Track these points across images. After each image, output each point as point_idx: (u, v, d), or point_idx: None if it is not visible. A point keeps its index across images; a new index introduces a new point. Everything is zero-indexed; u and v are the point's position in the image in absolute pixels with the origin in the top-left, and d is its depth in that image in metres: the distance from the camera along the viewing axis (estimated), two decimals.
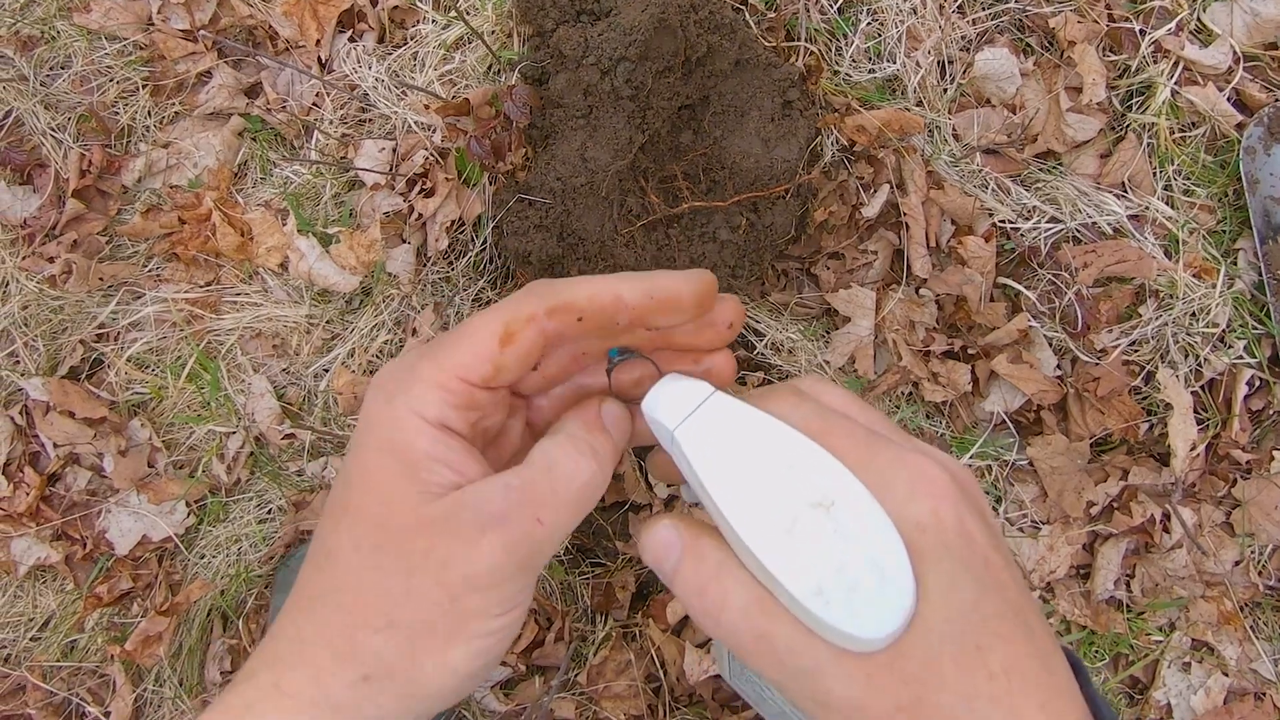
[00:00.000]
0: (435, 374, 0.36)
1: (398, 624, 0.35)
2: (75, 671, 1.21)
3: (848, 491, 0.35)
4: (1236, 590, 1.17)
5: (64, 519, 1.21)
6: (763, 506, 0.35)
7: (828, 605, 0.33)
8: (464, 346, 0.37)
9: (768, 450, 0.36)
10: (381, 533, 0.36)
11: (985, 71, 1.19)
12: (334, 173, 1.23)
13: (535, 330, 0.37)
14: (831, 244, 1.21)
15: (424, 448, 0.36)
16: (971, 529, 0.35)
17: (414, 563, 0.35)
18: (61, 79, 1.28)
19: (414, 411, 0.36)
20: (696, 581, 0.36)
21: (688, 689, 1.17)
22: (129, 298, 1.25)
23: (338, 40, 1.26)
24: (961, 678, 0.32)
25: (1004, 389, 1.18)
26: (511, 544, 0.35)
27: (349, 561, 0.36)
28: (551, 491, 0.37)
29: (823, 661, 0.34)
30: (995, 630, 0.33)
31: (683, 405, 0.38)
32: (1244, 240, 1.19)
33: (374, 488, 0.36)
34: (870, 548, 0.34)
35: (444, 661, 0.36)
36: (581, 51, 1.09)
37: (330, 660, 0.36)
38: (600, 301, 0.38)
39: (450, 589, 0.35)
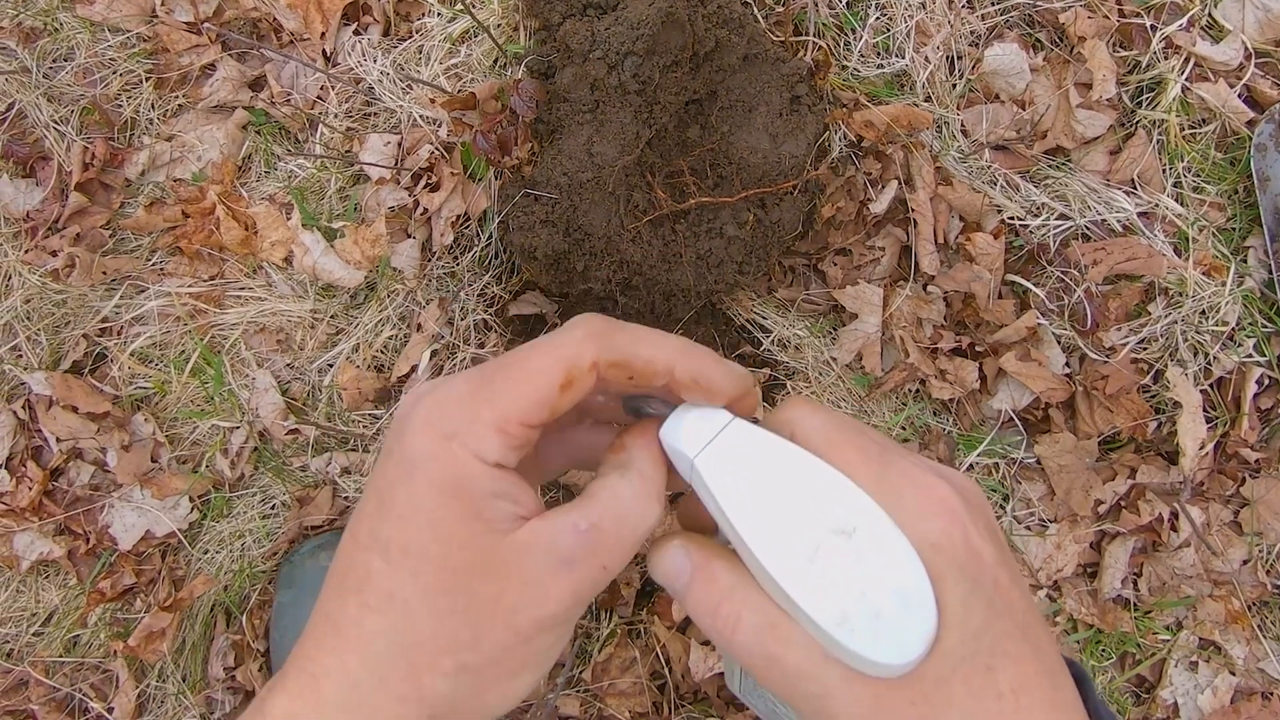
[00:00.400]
0: (495, 417, 0.36)
1: (468, 668, 0.36)
2: (78, 667, 1.21)
3: (868, 518, 0.35)
4: (1244, 589, 1.17)
5: (67, 514, 1.21)
6: (785, 534, 0.35)
7: (852, 633, 0.33)
8: (525, 389, 0.37)
9: (788, 477, 0.36)
10: (449, 577, 0.35)
11: (994, 67, 1.18)
12: (339, 167, 1.22)
13: (594, 378, 0.38)
14: (839, 240, 1.20)
15: (484, 485, 0.36)
16: (980, 548, 0.35)
17: (484, 608, 0.35)
18: (64, 71, 1.27)
19: (474, 454, 0.36)
20: (709, 602, 0.37)
21: (693, 686, 1.16)
22: (132, 292, 1.24)
23: (343, 33, 1.25)
24: (971, 700, 0.33)
25: (1012, 386, 1.17)
26: (579, 591, 0.36)
27: (413, 607, 0.36)
28: (619, 539, 0.37)
29: (831, 685, 0.34)
30: (1005, 650, 0.34)
31: (702, 433, 0.38)
32: (1254, 238, 1.18)
33: (436, 528, 0.36)
34: (892, 574, 0.34)
35: (509, 693, 0.37)
36: (588, 45, 1.08)
37: (394, 704, 0.35)
38: (654, 369, 0.38)
39: (520, 632, 0.36)
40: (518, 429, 0.36)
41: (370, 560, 0.36)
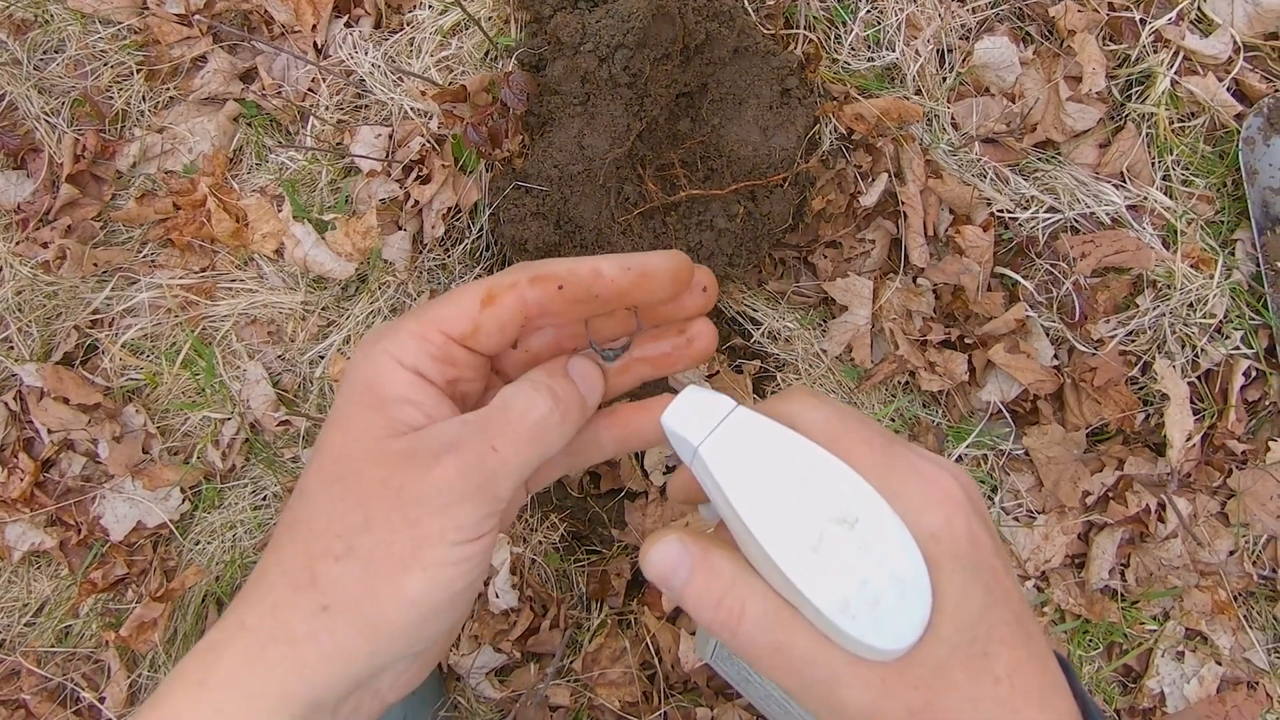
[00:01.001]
0: (415, 325, 0.38)
1: (356, 550, 0.36)
2: (70, 657, 1.21)
3: (870, 507, 0.36)
4: (1230, 580, 1.17)
5: (58, 505, 1.21)
6: (789, 522, 0.36)
7: (853, 619, 0.34)
8: (447, 304, 0.39)
9: (791, 466, 0.37)
10: (344, 464, 0.37)
11: (984, 60, 1.18)
12: (330, 159, 1.22)
13: (516, 296, 0.39)
14: (829, 233, 1.21)
15: (395, 389, 0.37)
16: (980, 538, 0.36)
17: (372, 491, 0.36)
18: (55, 63, 1.27)
19: (390, 355, 0.37)
20: (712, 595, 0.37)
21: (682, 676, 1.17)
22: (123, 283, 1.24)
23: (334, 25, 1.25)
24: (970, 683, 0.35)
25: (1001, 378, 1.18)
26: (465, 467, 0.36)
27: (312, 495, 0.37)
28: (506, 424, 0.38)
29: (838, 670, 0.35)
30: (1001, 637, 0.35)
31: (705, 421, 0.39)
32: (1242, 231, 1.18)
33: (344, 426, 0.37)
34: (892, 562, 0.35)
35: (402, 591, 0.36)
36: (579, 38, 1.08)
37: (290, 592, 0.36)
38: (579, 273, 0.39)
39: (406, 513, 0.36)
40: (436, 335, 0.38)
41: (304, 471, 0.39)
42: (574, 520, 1.25)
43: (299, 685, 0.35)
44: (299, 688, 0.35)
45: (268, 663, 0.35)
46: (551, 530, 1.22)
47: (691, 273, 0.42)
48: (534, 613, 1.19)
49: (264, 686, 0.35)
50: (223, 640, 0.36)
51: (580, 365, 0.42)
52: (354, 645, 0.36)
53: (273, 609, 0.36)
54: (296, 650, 0.35)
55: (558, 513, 1.24)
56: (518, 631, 1.18)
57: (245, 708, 0.35)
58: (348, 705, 0.38)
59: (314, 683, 0.36)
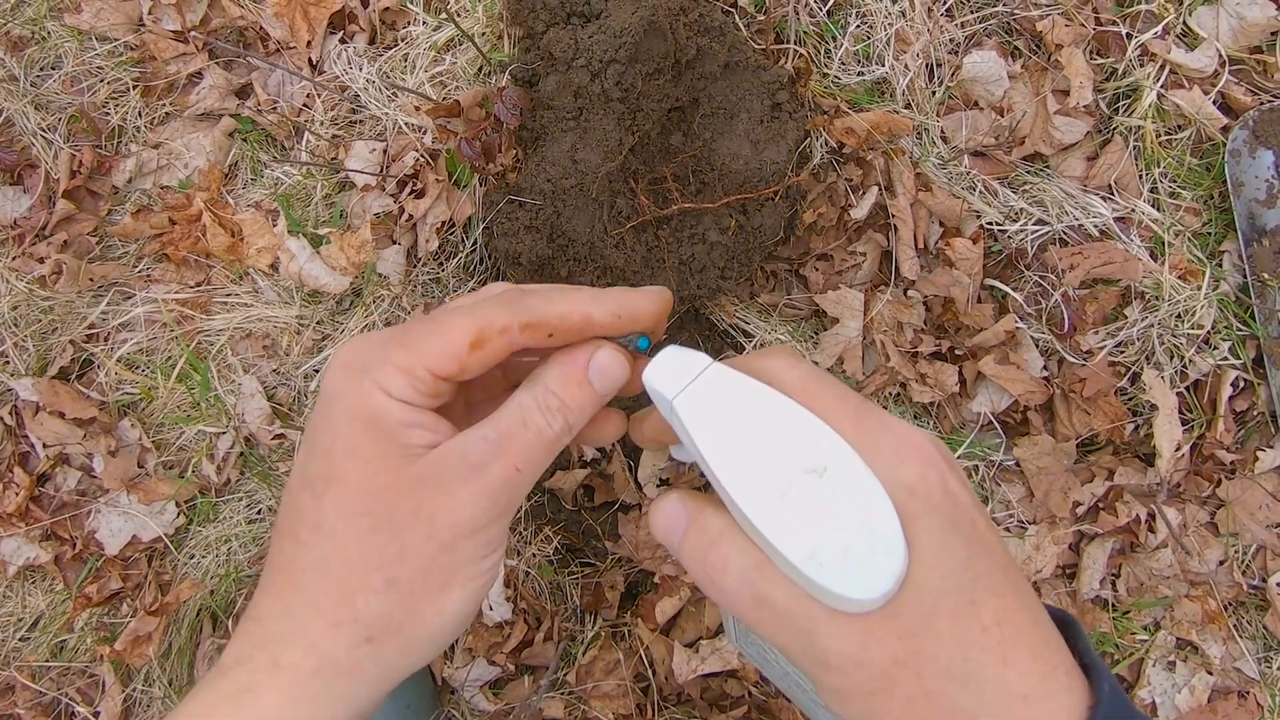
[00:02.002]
0: (405, 359, 0.38)
1: (398, 582, 0.37)
2: (64, 671, 1.21)
3: (840, 458, 0.36)
4: (1221, 589, 1.18)
5: (53, 519, 1.22)
6: (759, 473, 0.36)
7: (821, 568, 0.34)
8: (436, 341, 0.38)
9: (763, 419, 0.37)
10: (370, 498, 0.37)
11: (973, 74, 1.19)
12: (325, 174, 1.23)
13: (506, 341, 0.39)
14: (820, 245, 1.22)
15: (397, 416, 0.38)
16: (956, 491, 0.36)
17: (404, 522, 0.37)
18: (52, 79, 1.28)
19: (381, 389, 0.38)
20: (699, 549, 0.38)
21: (676, 688, 1.17)
22: (119, 298, 1.25)
23: (329, 41, 1.26)
24: (956, 631, 0.34)
25: (991, 390, 1.18)
26: (492, 490, 0.38)
27: (339, 531, 0.37)
28: (525, 442, 0.39)
29: (819, 621, 0.35)
30: (986, 585, 0.35)
31: (682, 376, 0.39)
32: (1229, 242, 1.19)
33: (355, 456, 0.37)
34: (862, 512, 0.35)
35: (443, 609, 0.38)
36: (572, 53, 1.09)
37: (329, 629, 0.37)
38: (571, 321, 0.40)
39: (440, 540, 0.37)
40: (424, 375, 0.38)
41: (299, 500, 0.38)
42: (568, 533, 1.25)
43: (344, 711, 0.37)
44: (344, 713, 0.37)
45: (312, 697, 0.37)
46: (545, 543, 1.23)
47: (671, 306, 0.43)
48: (528, 625, 1.20)
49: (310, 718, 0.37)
50: (261, 680, 0.37)
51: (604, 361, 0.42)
52: (397, 664, 0.38)
53: (312, 647, 0.37)
54: (341, 681, 0.37)
55: (551, 525, 1.24)
56: (512, 644, 1.18)
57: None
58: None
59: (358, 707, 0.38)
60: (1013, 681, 0.34)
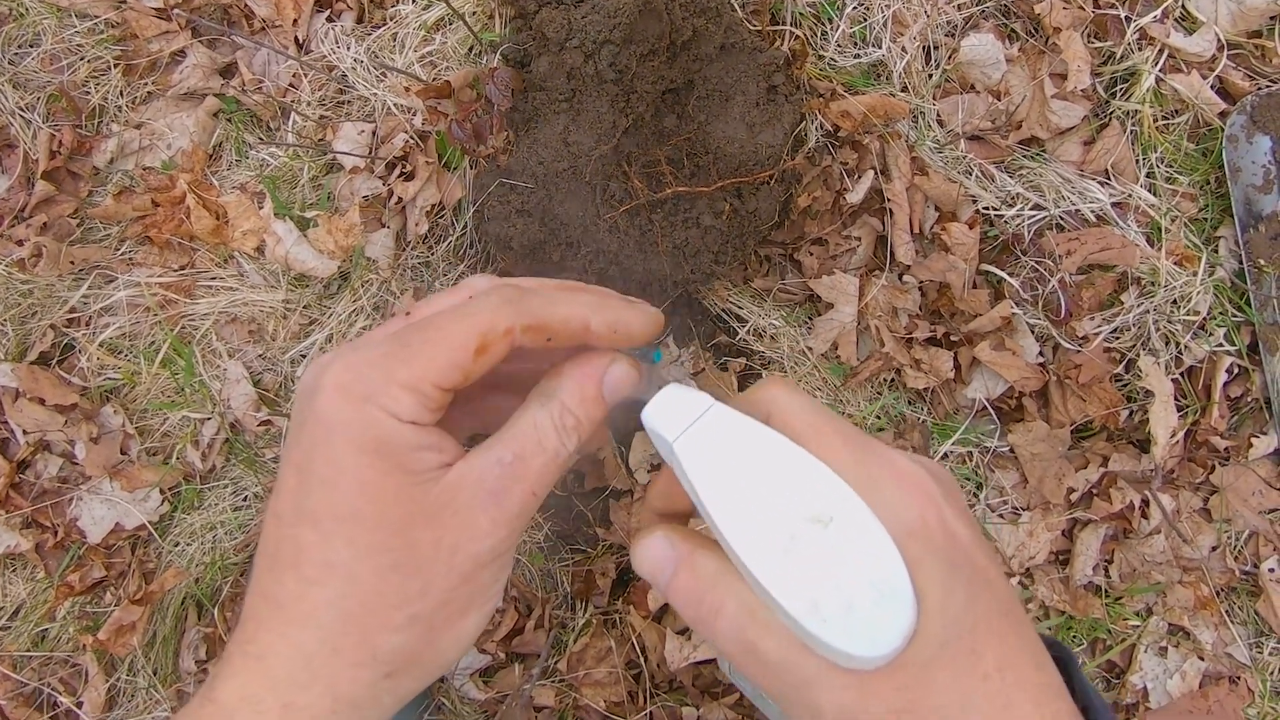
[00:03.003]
0: (409, 377, 0.36)
1: (418, 618, 0.36)
2: (46, 661, 1.19)
3: (846, 507, 0.35)
4: (1213, 575, 1.18)
5: (34, 506, 1.19)
6: (761, 522, 0.35)
7: (824, 624, 0.33)
8: (439, 352, 0.36)
9: (766, 464, 0.36)
10: (385, 534, 0.35)
11: (970, 57, 1.18)
12: (312, 155, 1.21)
13: (509, 343, 0.38)
14: (815, 230, 1.20)
15: (406, 440, 0.36)
16: (957, 531, 0.35)
17: (425, 555, 0.36)
18: (30, 57, 1.25)
19: (389, 413, 0.35)
20: (693, 593, 0.37)
21: (668, 675, 1.16)
22: (101, 281, 1.22)
23: (315, 20, 1.24)
24: (957, 681, 0.33)
25: (986, 376, 1.18)
26: (510, 519, 0.37)
27: (355, 570, 0.35)
28: (541, 466, 0.38)
29: (812, 674, 0.34)
30: (987, 629, 0.34)
31: (683, 417, 0.38)
32: (1225, 228, 1.19)
33: (364, 488, 0.35)
34: (868, 564, 0.34)
35: (461, 635, 0.38)
36: (565, 34, 1.07)
37: (348, 669, 0.36)
38: (571, 328, 0.39)
39: (462, 571, 0.36)
40: (432, 391, 0.36)
41: (300, 534, 0.36)
42: (558, 519, 1.24)
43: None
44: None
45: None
46: (536, 530, 1.21)
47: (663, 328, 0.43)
48: (518, 613, 1.18)
49: None
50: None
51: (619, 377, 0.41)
52: (412, 690, 0.38)
53: (330, 688, 0.35)
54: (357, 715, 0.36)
55: (542, 512, 1.23)
56: (502, 632, 1.17)
57: None
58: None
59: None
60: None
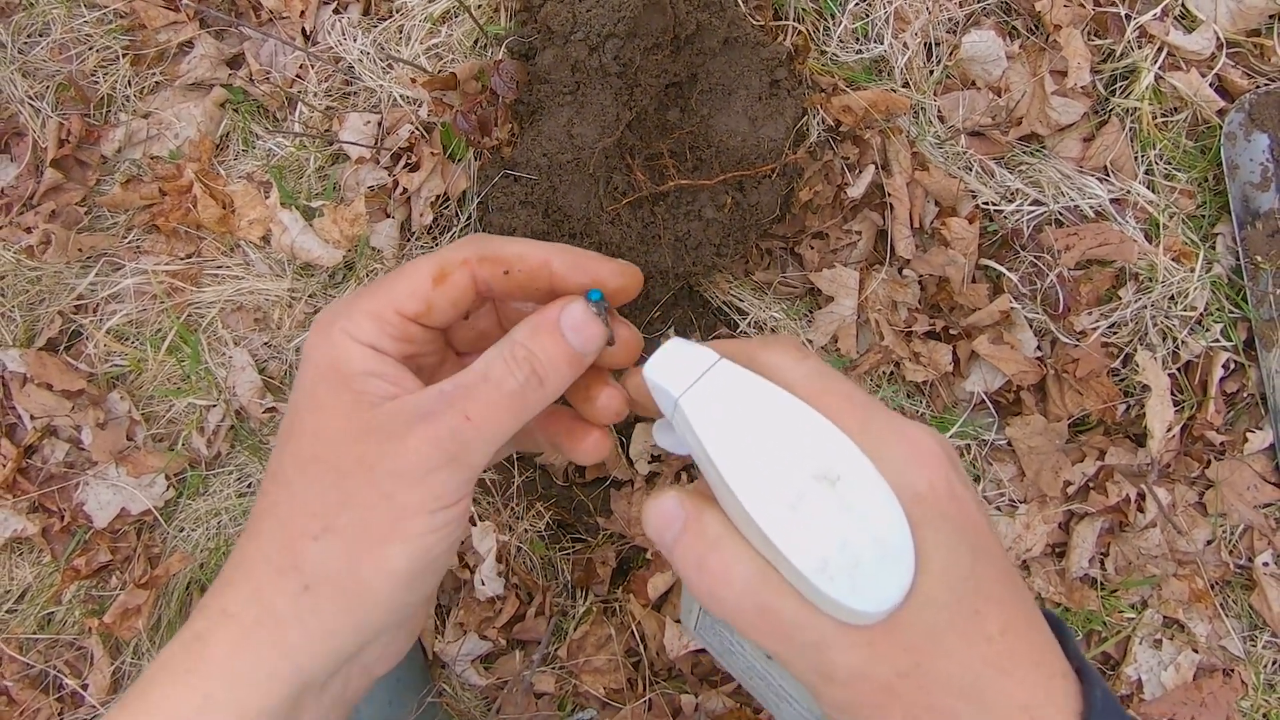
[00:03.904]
0: (371, 305, 0.38)
1: (334, 529, 0.36)
2: (52, 644, 1.20)
3: (853, 466, 0.35)
4: (1208, 569, 1.19)
5: (41, 491, 1.21)
6: (768, 479, 0.34)
7: (832, 580, 0.33)
8: (401, 283, 0.38)
9: (773, 421, 0.36)
10: (318, 444, 0.37)
11: (971, 54, 1.19)
12: (318, 145, 1.22)
13: (467, 274, 0.39)
14: (816, 224, 1.21)
15: (357, 364, 0.37)
16: (963, 496, 0.36)
17: (349, 468, 0.36)
18: (40, 46, 1.26)
19: (348, 335, 0.37)
20: (697, 554, 0.36)
21: (668, 663, 1.17)
22: (108, 269, 1.23)
23: (322, 11, 1.25)
24: (961, 643, 0.34)
25: (984, 369, 1.19)
26: (437, 438, 0.36)
27: (288, 478, 0.37)
28: (482, 392, 0.37)
29: (827, 633, 0.34)
30: (990, 594, 0.35)
31: (687, 372, 0.37)
32: (1223, 225, 1.20)
33: (314, 405, 0.37)
34: (874, 523, 0.34)
35: (382, 563, 0.36)
36: (570, 27, 1.08)
37: (272, 575, 0.36)
38: (529, 262, 0.39)
39: (382, 488, 0.36)
40: (392, 315, 0.38)
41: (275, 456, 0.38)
42: (559, 508, 1.25)
43: (286, 667, 0.36)
44: (286, 669, 0.36)
45: (254, 647, 0.35)
46: (537, 518, 1.23)
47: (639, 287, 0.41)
48: (519, 600, 1.20)
49: (252, 672, 0.35)
50: (207, 628, 0.36)
51: (574, 315, 0.40)
52: (338, 622, 0.36)
53: (255, 594, 0.36)
54: (282, 632, 0.36)
55: (543, 501, 1.24)
56: (503, 619, 1.18)
57: (235, 694, 0.35)
58: (336, 681, 0.38)
59: (301, 663, 0.36)
60: (1015, 693, 0.34)
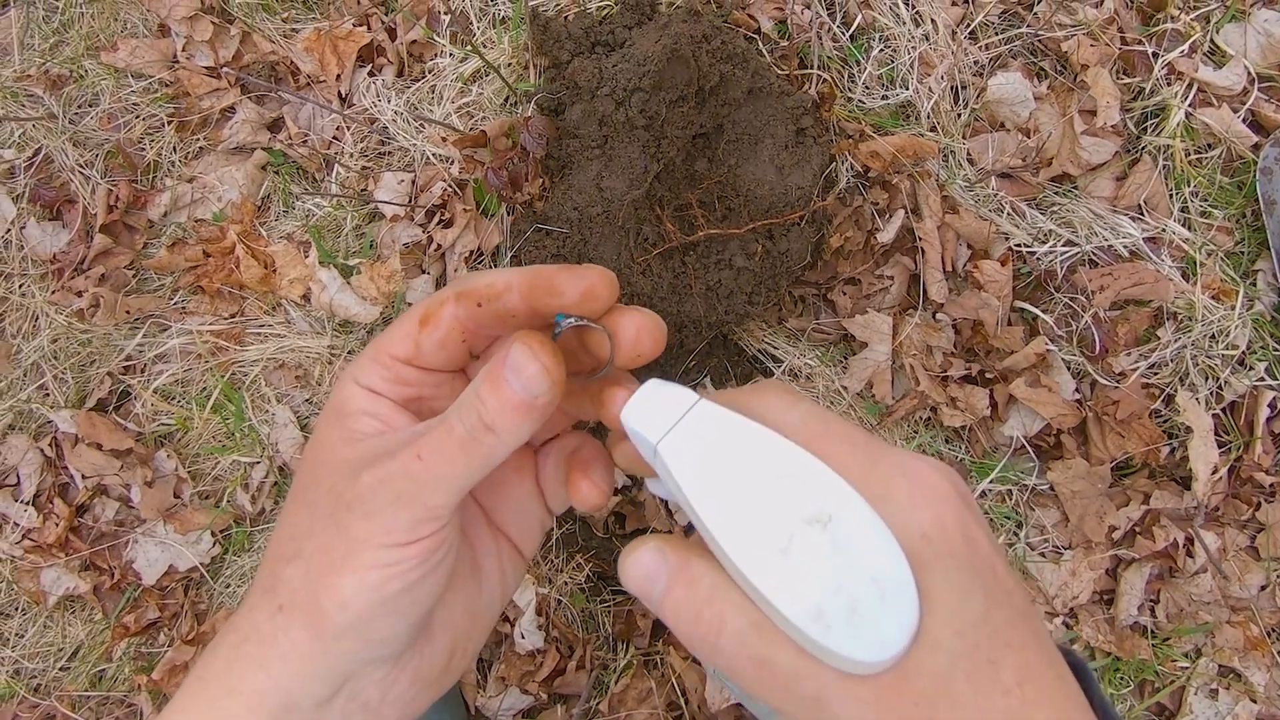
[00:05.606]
0: (372, 350, 0.41)
1: (301, 553, 0.38)
2: (104, 701, 1.23)
3: (846, 505, 0.33)
4: (1263, 615, 1.16)
5: (92, 549, 1.23)
6: (755, 525, 0.33)
7: (828, 629, 0.31)
8: (395, 328, 0.41)
9: (759, 462, 0.34)
10: (309, 475, 0.40)
11: (999, 96, 1.19)
12: (354, 205, 1.25)
13: (449, 313, 0.40)
14: (848, 269, 1.21)
15: (354, 403, 0.40)
16: (976, 536, 0.34)
17: (319, 497, 0.38)
18: (89, 116, 1.31)
19: (353, 379, 0.41)
20: (690, 608, 0.34)
21: (709, 716, 1.16)
22: (155, 330, 1.27)
23: (357, 75, 1.28)
24: (976, 695, 0.31)
25: (1023, 413, 1.17)
26: (388, 475, 0.37)
27: (287, 505, 0.40)
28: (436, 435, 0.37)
29: (827, 686, 0.32)
30: (1006, 640, 0.32)
31: (666, 415, 0.36)
32: (1263, 261, 1.18)
33: (315, 443, 0.41)
34: (871, 565, 0.32)
35: (334, 592, 0.36)
36: (596, 82, 1.10)
37: (259, 595, 0.39)
38: (495, 289, 0.40)
39: (339, 518, 0.37)
40: (386, 359, 0.41)
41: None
42: (599, 560, 1.25)
43: (267, 683, 0.37)
44: (267, 685, 0.37)
45: (243, 661, 0.38)
46: (577, 571, 1.23)
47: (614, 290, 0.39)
48: (560, 654, 1.20)
49: (241, 684, 0.38)
50: (218, 641, 0.39)
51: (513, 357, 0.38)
52: (304, 643, 0.37)
53: (249, 611, 0.39)
54: (262, 649, 0.38)
55: (583, 553, 1.24)
56: (544, 673, 1.18)
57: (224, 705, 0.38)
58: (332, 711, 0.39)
59: (279, 681, 0.37)
60: None
